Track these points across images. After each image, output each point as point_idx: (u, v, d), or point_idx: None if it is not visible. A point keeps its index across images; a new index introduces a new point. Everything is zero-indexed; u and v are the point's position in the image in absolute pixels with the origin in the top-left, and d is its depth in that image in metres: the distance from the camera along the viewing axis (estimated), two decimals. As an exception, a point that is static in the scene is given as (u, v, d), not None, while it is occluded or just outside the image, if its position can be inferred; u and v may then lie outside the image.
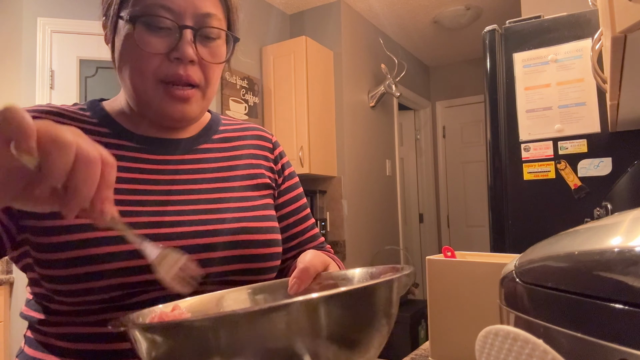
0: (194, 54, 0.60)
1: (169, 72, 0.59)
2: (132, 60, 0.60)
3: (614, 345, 0.26)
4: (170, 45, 0.59)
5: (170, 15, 0.59)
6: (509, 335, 0.29)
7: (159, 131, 0.67)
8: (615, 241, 0.31)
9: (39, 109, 0.61)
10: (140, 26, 0.59)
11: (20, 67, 2.45)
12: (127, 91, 0.64)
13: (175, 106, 0.61)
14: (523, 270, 0.37)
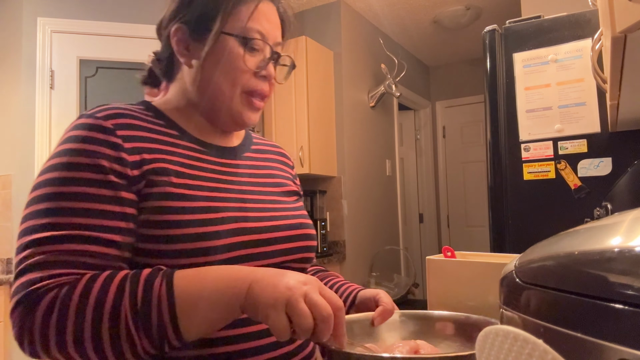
0: (274, 74, 0.74)
1: (257, 87, 0.71)
2: (228, 71, 0.69)
3: (614, 345, 0.26)
4: (260, 64, 0.71)
5: (265, 40, 0.71)
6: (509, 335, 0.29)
7: (210, 135, 0.75)
8: (615, 241, 0.31)
9: (116, 112, 0.65)
10: (240, 44, 0.69)
11: (20, 67, 2.45)
12: (207, 92, 0.71)
13: (251, 114, 0.73)
14: (523, 270, 0.37)
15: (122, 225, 0.59)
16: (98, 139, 0.60)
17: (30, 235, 0.55)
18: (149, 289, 0.52)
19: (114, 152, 0.60)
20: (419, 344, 0.60)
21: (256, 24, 0.70)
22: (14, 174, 2.44)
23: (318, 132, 3.05)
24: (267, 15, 0.72)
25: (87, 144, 0.59)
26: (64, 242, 0.55)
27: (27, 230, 0.56)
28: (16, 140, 2.44)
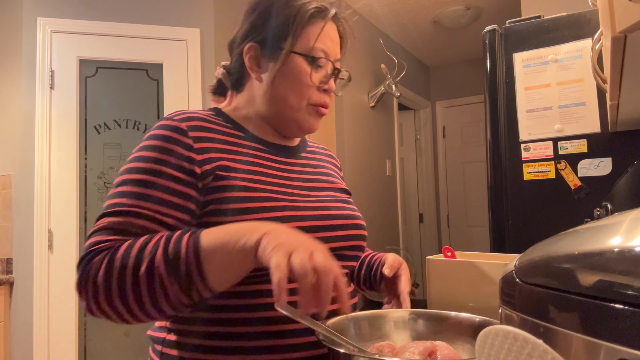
0: (334, 88, 0.83)
1: (320, 99, 0.81)
2: (295, 86, 0.78)
3: (614, 345, 0.26)
4: (323, 80, 0.80)
5: (327, 57, 0.80)
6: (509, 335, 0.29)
7: (275, 138, 0.84)
8: (615, 241, 0.31)
9: (190, 115, 0.74)
10: (306, 62, 0.78)
11: (20, 67, 2.45)
12: (276, 104, 0.80)
13: (315, 121, 0.83)
14: (523, 270, 0.37)
15: (179, 215, 0.67)
16: (172, 138, 0.70)
17: (104, 210, 0.66)
18: (179, 242, 0.60)
19: (184, 151, 0.70)
20: (435, 345, 0.59)
21: (321, 43, 0.79)
22: (14, 174, 2.44)
23: (318, 132, 3.04)
24: (330, 35, 0.81)
25: (163, 142, 0.70)
26: (128, 216, 0.64)
27: (105, 207, 0.67)
28: (16, 140, 2.44)
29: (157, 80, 2.63)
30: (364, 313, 0.71)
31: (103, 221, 0.65)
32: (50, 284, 2.37)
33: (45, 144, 2.43)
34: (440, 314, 0.70)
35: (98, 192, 2.52)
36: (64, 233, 2.42)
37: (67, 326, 2.38)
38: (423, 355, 0.57)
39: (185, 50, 2.65)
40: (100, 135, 2.55)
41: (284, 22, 0.78)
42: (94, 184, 2.52)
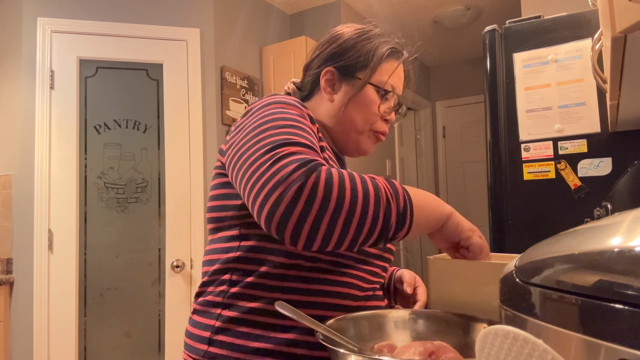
0: (394, 119, 0.92)
1: (381, 128, 0.89)
2: (363, 112, 0.87)
3: (614, 345, 0.26)
4: (386, 111, 0.89)
5: (395, 92, 0.89)
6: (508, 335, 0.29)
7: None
8: (615, 241, 0.31)
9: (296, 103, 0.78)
10: (378, 94, 0.87)
11: (20, 67, 2.45)
12: (342, 125, 0.88)
13: (372, 146, 0.91)
14: (523, 270, 0.37)
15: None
16: (301, 108, 0.76)
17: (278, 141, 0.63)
18: (394, 186, 0.66)
19: (311, 124, 0.76)
20: (435, 345, 0.59)
21: (393, 80, 0.88)
22: (14, 174, 2.44)
23: (318, 132, 3.05)
24: (399, 73, 0.90)
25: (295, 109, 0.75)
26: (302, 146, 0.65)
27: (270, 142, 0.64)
28: (16, 140, 2.44)
29: (157, 80, 2.63)
30: (364, 313, 0.71)
31: (289, 148, 0.63)
32: (50, 284, 2.37)
33: (45, 144, 2.43)
34: (440, 313, 0.70)
35: (98, 192, 2.52)
36: (64, 233, 2.42)
37: (67, 326, 2.38)
38: (423, 355, 0.57)
39: (185, 50, 2.65)
40: (100, 135, 2.55)
41: (364, 55, 0.86)
42: (94, 184, 2.52)
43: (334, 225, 0.58)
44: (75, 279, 2.41)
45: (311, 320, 0.59)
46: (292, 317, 0.58)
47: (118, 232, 2.52)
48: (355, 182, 0.61)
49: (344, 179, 0.60)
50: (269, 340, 0.70)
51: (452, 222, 0.73)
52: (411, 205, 0.65)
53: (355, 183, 0.61)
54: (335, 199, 0.58)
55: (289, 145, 0.63)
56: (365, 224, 0.60)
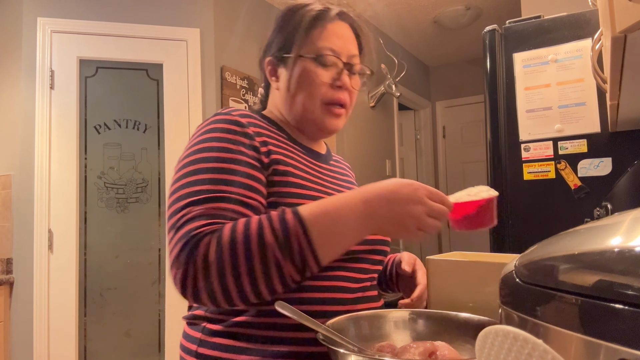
0: (349, 84, 0.83)
1: (333, 97, 0.82)
2: (306, 87, 0.81)
3: (614, 345, 0.26)
4: (334, 77, 0.81)
5: (335, 54, 0.81)
6: (509, 335, 0.29)
7: (308, 143, 0.88)
8: (615, 241, 0.31)
9: (245, 113, 0.79)
10: (314, 63, 0.81)
11: (20, 67, 2.45)
12: (294, 110, 0.84)
13: (332, 121, 0.84)
14: (523, 270, 0.37)
15: (261, 199, 0.71)
16: (238, 131, 0.74)
17: (187, 199, 0.66)
18: (284, 221, 0.62)
19: (251, 142, 0.73)
20: (435, 345, 0.59)
21: (327, 42, 0.81)
22: (14, 174, 2.44)
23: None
24: (337, 33, 0.83)
25: (230, 134, 0.73)
26: (216, 202, 0.66)
27: (183, 196, 0.67)
28: (16, 140, 2.44)
29: (157, 80, 2.63)
30: (364, 313, 0.71)
31: (191, 210, 0.65)
32: (50, 284, 2.37)
33: (45, 144, 2.43)
34: (440, 314, 0.70)
35: (98, 192, 2.52)
36: (64, 233, 2.42)
37: (67, 326, 2.38)
38: (423, 355, 0.57)
39: (185, 50, 2.65)
40: (100, 135, 2.55)
41: (291, 31, 0.83)
42: (94, 184, 2.52)
43: (230, 292, 0.61)
44: (75, 279, 2.41)
45: (311, 320, 0.59)
46: (293, 317, 0.58)
47: (118, 232, 2.52)
48: (235, 248, 0.60)
49: (221, 254, 0.60)
50: (255, 353, 0.69)
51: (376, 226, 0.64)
52: (310, 244, 0.62)
53: (235, 250, 0.60)
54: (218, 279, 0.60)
55: (193, 205, 0.65)
56: (259, 284, 0.61)
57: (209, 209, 0.65)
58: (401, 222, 0.62)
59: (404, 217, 0.62)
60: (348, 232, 0.64)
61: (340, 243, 0.65)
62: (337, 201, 0.65)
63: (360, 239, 0.66)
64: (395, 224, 0.63)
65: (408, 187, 0.63)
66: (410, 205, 0.62)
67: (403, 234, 0.64)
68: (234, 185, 0.68)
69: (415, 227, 0.62)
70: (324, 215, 0.63)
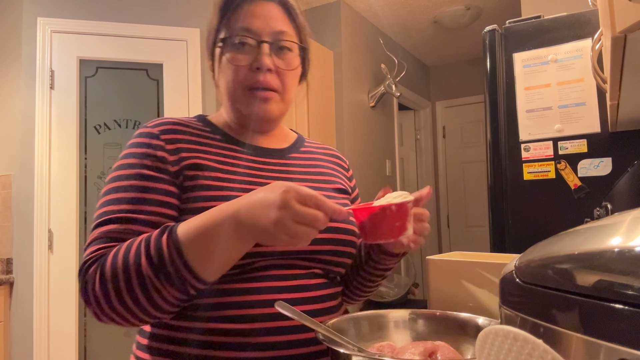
0: (271, 63, 0.75)
1: (253, 80, 0.75)
2: (226, 75, 0.77)
3: (614, 345, 0.26)
4: (252, 59, 0.75)
5: (251, 35, 0.75)
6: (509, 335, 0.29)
7: (256, 140, 0.82)
8: (615, 241, 0.31)
9: (164, 121, 0.77)
10: (229, 47, 0.76)
11: (20, 67, 2.45)
12: (224, 102, 0.80)
13: (261, 106, 0.77)
14: (523, 270, 0.37)
15: (164, 211, 0.69)
16: (145, 143, 0.73)
17: (97, 220, 0.68)
18: (159, 245, 0.60)
19: (157, 152, 0.72)
20: (435, 345, 0.59)
21: (242, 23, 0.75)
22: (14, 174, 2.44)
23: (318, 132, 3.05)
24: (256, 12, 0.76)
25: (137, 148, 0.72)
26: (118, 223, 0.66)
27: (96, 217, 0.69)
28: (16, 140, 2.44)
29: (157, 80, 2.63)
30: (364, 313, 0.71)
31: (97, 231, 0.67)
32: (50, 284, 2.37)
33: (45, 144, 2.43)
34: (441, 314, 0.70)
35: (98, 192, 2.52)
36: (64, 233, 2.42)
37: (67, 326, 2.38)
38: (423, 355, 0.57)
39: (185, 50, 2.65)
40: (100, 135, 2.55)
41: (215, 23, 0.78)
42: (94, 184, 2.52)
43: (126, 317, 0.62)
44: (75, 279, 2.41)
45: (311, 320, 0.59)
46: (293, 317, 0.58)
47: (118, 232, 2.51)
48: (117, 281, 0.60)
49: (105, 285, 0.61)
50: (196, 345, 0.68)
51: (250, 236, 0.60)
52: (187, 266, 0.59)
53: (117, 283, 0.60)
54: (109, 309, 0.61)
55: (97, 227, 0.67)
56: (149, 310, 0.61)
57: (111, 230, 0.66)
58: (266, 230, 0.57)
59: (267, 224, 0.57)
60: (226, 246, 0.60)
61: (221, 259, 0.61)
62: (215, 214, 0.61)
63: (244, 250, 0.62)
64: (263, 232, 0.58)
65: (277, 190, 0.57)
66: (273, 211, 0.56)
67: (275, 240, 0.58)
68: (139, 203, 0.68)
69: (282, 234, 0.56)
70: (199, 233, 0.60)
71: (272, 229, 0.56)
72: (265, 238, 0.59)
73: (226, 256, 0.62)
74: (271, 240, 0.58)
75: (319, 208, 0.57)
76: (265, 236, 0.58)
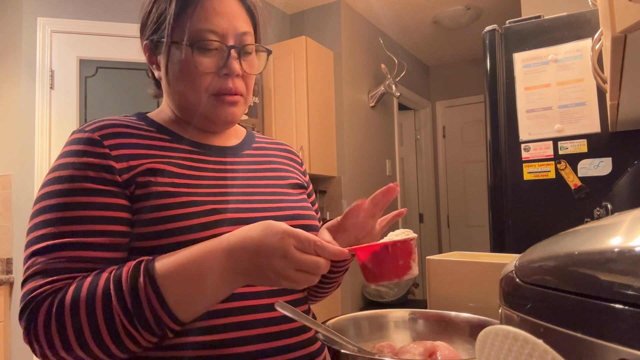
0: (239, 69, 0.71)
1: (221, 87, 0.70)
2: (186, 78, 0.69)
3: (614, 345, 0.26)
4: (219, 64, 0.69)
5: (216, 38, 0.69)
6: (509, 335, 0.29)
7: (205, 138, 0.76)
8: (615, 241, 0.31)
9: (104, 124, 0.67)
10: (192, 49, 0.68)
11: (20, 67, 2.45)
12: (177, 103, 0.73)
13: (226, 110, 0.71)
14: (523, 270, 0.37)
15: (114, 228, 0.62)
16: (87, 151, 0.64)
17: (32, 247, 0.59)
18: (135, 288, 0.55)
19: (102, 161, 0.63)
20: (435, 345, 0.59)
21: (204, 23, 0.68)
22: (14, 174, 2.44)
23: (318, 132, 3.05)
24: (218, 10, 0.69)
25: (77, 157, 0.63)
26: (60, 249, 0.58)
27: (29, 242, 0.60)
28: (16, 140, 2.44)
29: (157, 80, 2.63)
30: (364, 313, 0.71)
31: (34, 262, 0.58)
32: (50, 284, 2.37)
33: (45, 144, 2.43)
34: (440, 314, 0.70)
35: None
36: (64, 233, 2.41)
37: (67, 326, 2.38)
38: (423, 355, 0.57)
39: (185, 50, 2.64)
40: (100, 135, 2.55)
41: (163, 9, 0.70)
42: (94, 184, 2.52)
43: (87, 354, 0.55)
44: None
45: (311, 320, 0.59)
46: (293, 317, 0.58)
47: (118, 232, 2.51)
48: (79, 319, 0.54)
49: (63, 324, 0.54)
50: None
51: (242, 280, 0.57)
52: (166, 309, 0.55)
53: (79, 322, 0.54)
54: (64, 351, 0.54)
55: (37, 255, 0.58)
56: (112, 352, 0.55)
57: (52, 261, 0.58)
58: (265, 276, 0.55)
59: (266, 271, 0.54)
60: (211, 289, 0.56)
61: (203, 302, 0.57)
62: (200, 254, 0.56)
63: (228, 293, 0.58)
64: (260, 278, 0.55)
65: (274, 236, 0.54)
66: (273, 259, 0.53)
67: (273, 285, 0.56)
68: (76, 222, 0.60)
69: (283, 282, 0.55)
70: (181, 272, 0.55)
71: (272, 277, 0.54)
72: (260, 282, 0.56)
73: (210, 298, 0.57)
74: (267, 284, 0.56)
75: (319, 253, 0.55)
76: (261, 281, 0.56)
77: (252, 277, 0.56)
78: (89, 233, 0.60)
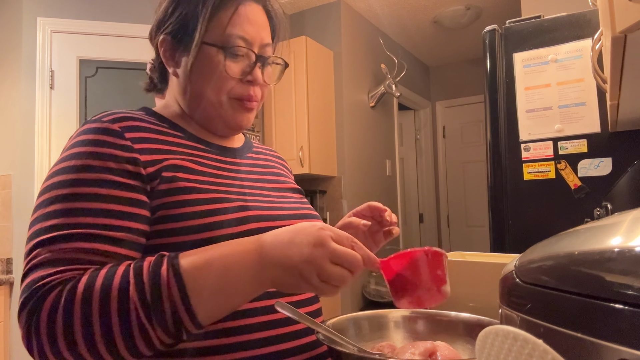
0: (262, 78, 0.73)
1: (243, 92, 0.72)
2: (211, 79, 0.70)
3: (614, 345, 0.26)
4: (245, 70, 0.71)
5: (245, 45, 0.71)
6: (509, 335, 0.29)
7: (214, 138, 0.77)
8: (615, 241, 0.31)
9: (122, 116, 0.66)
10: (222, 53, 0.69)
11: (20, 67, 2.45)
12: (193, 101, 0.73)
13: (243, 116, 0.74)
14: (523, 270, 0.37)
15: (132, 225, 0.59)
16: (107, 142, 0.61)
17: (37, 237, 0.55)
18: (157, 278, 0.51)
19: (124, 153, 0.61)
20: (435, 345, 0.59)
21: (237, 29, 0.70)
22: (14, 174, 2.44)
23: (318, 132, 3.05)
24: (250, 18, 0.71)
25: (96, 147, 0.60)
26: (70, 240, 0.55)
27: (34, 233, 0.56)
28: (16, 140, 2.44)
29: (157, 80, 2.63)
30: (364, 313, 0.71)
31: (39, 253, 0.54)
32: (50, 284, 2.37)
33: (45, 144, 2.43)
34: (440, 314, 0.70)
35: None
36: (64, 233, 2.41)
37: (67, 326, 2.38)
38: (423, 355, 0.57)
39: (185, 50, 2.65)
40: (100, 135, 2.55)
41: (194, 8, 0.69)
42: (94, 184, 2.52)
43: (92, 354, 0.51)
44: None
45: (311, 320, 0.59)
46: (293, 317, 0.58)
47: (118, 232, 2.51)
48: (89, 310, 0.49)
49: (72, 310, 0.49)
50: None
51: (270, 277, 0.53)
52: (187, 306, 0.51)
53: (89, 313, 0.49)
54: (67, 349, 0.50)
55: (42, 246, 0.54)
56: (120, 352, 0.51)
57: (59, 251, 0.54)
58: (296, 269, 0.51)
59: (299, 263, 0.51)
60: (237, 288, 0.53)
61: (226, 300, 0.54)
62: (228, 247, 0.54)
63: (254, 295, 0.55)
64: (290, 273, 0.52)
65: (311, 227, 0.53)
66: (308, 248, 0.51)
67: (302, 285, 0.52)
68: (94, 215, 0.56)
69: (315, 276, 0.51)
70: (206, 267, 0.52)
71: (303, 268, 0.51)
72: (288, 280, 0.52)
73: (234, 300, 0.54)
74: (295, 284, 0.52)
75: (354, 249, 0.53)
76: (289, 278, 0.52)
77: (281, 272, 0.52)
78: (102, 226, 0.56)
